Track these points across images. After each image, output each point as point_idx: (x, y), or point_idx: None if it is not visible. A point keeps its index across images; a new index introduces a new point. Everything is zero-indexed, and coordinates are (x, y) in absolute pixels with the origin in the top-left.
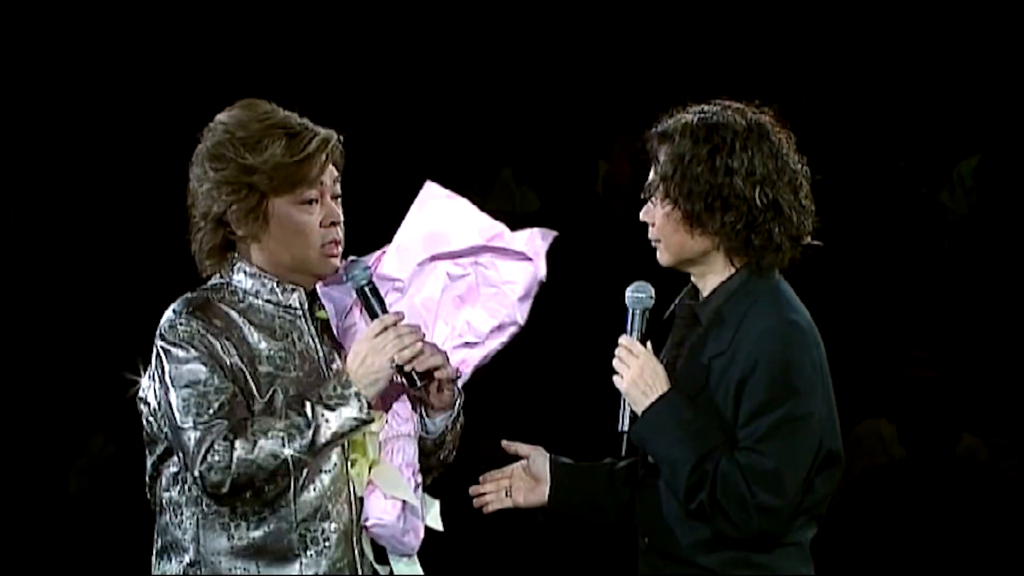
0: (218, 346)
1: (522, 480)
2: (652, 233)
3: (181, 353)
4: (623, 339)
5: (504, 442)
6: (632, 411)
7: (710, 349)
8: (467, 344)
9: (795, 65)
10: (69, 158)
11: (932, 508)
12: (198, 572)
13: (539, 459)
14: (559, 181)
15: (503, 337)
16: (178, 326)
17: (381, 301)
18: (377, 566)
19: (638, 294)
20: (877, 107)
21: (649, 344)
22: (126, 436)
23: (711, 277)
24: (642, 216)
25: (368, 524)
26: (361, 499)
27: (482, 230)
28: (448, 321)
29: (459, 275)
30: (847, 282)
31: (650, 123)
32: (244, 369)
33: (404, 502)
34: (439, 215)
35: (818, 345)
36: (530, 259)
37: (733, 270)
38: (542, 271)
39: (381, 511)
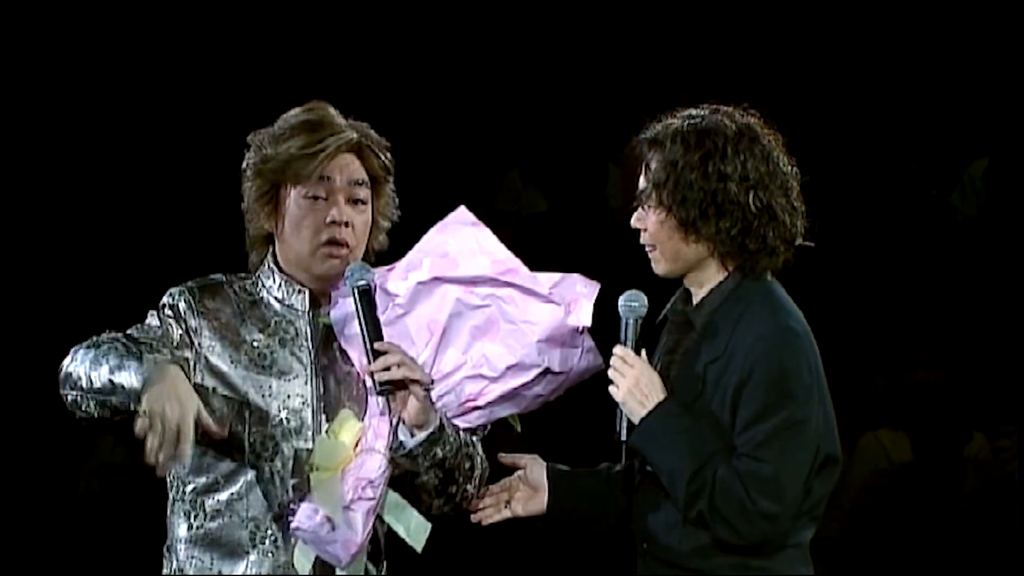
0: (193, 325)
1: (520, 490)
2: (644, 239)
3: (150, 319)
4: (618, 349)
5: (500, 454)
6: (629, 421)
7: (705, 355)
8: (483, 376)
9: (804, 67)
10: (73, 161)
11: (939, 509)
12: (170, 558)
13: (536, 468)
14: (567, 183)
15: (526, 378)
16: (169, 297)
17: (373, 308)
18: (369, 565)
19: (631, 303)
20: (888, 109)
21: (644, 353)
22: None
23: (705, 282)
24: (633, 222)
25: (291, 526)
26: None
27: (494, 263)
28: (462, 349)
29: (476, 305)
30: (857, 283)
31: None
32: (215, 355)
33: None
34: (454, 240)
35: (813, 348)
36: (555, 303)
37: (726, 274)
38: (581, 320)
39: (305, 516)
